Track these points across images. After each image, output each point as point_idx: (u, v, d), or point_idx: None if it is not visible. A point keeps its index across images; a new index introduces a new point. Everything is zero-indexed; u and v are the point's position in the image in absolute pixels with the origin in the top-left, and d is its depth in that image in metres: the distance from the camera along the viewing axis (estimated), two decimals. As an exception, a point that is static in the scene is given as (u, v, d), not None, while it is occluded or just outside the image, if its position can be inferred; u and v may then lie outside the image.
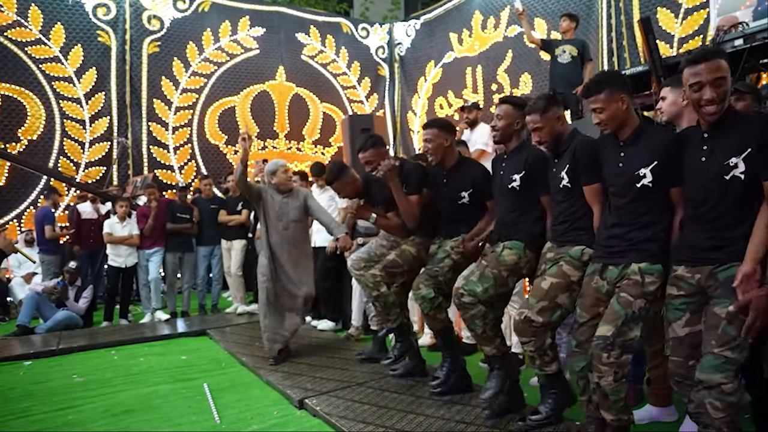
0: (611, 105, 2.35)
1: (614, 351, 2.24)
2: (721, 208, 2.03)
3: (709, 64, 2.02)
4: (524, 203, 2.98)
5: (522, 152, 3.00)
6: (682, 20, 6.80)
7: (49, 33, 8.51)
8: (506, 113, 2.97)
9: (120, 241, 6.47)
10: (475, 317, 2.91)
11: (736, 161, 1.97)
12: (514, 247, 2.92)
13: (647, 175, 2.26)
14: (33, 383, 4.21)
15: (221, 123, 10.00)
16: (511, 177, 2.98)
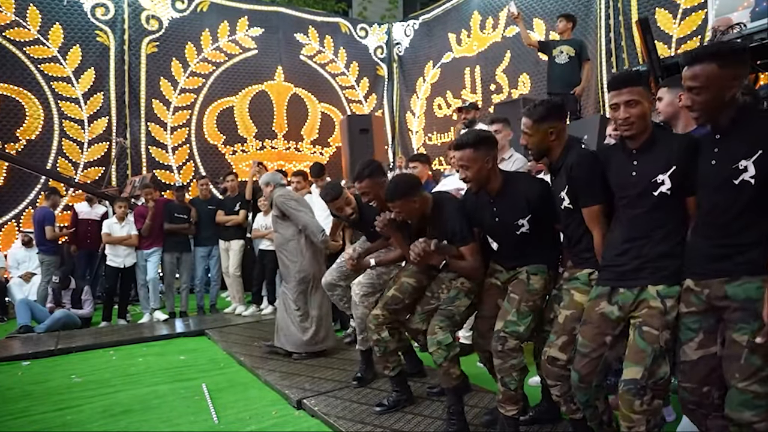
0: (643, 102, 2.08)
1: (647, 396, 1.96)
2: (730, 214, 1.87)
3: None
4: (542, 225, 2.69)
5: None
6: (680, 21, 6.81)
7: (48, 33, 8.51)
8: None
9: (118, 242, 6.47)
10: (515, 368, 2.58)
11: (746, 164, 1.81)
12: (538, 272, 2.66)
13: (665, 181, 2.03)
14: (31, 383, 4.21)
15: (220, 123, 10.00)
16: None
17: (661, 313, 2.01)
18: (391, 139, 11.59)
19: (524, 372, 2.62)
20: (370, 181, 3.27)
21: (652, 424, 1.97)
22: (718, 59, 1.82)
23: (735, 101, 1.86)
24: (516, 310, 2.61)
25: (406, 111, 11.54)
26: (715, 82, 1.82)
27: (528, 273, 2.68)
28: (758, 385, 1.74)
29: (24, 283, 7.16)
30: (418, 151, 10.94)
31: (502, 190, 2.69)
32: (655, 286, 2.05)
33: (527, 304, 2.61)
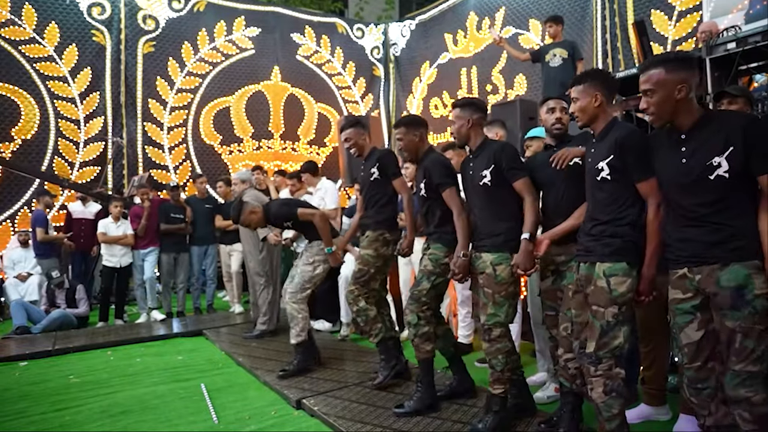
0: (584, 98, 2.39)
1: (602, 364, 2.26)
2: (711, 208, 2.02)
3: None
4: (497, 204, 2.88)
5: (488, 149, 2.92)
6: (675, 22, 6.85)
7: (44, 32, 8.47)
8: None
9: (114, 241, 6.46)
10: (501, 351, 2.82)
11: (719, 161, 1.97)
12: (502, 261, 2.81)
13: (605, 168, 2.31)
14: (29, 384, 4.21)
15: (216, 123, 9.97)
16: (479, 174, 2.87)
17: (604, 291, 2.25)
18: (388, 139, 11.59)
19: (510, 354, 2.84)
20: (354, 131, 3.66)
21: (609, 387, 2.25)
22: (665, 65, 2.05)
23: (689, 103, 2.05)
24: (492, 302, 2.82)
25: (402, 111, 11.55)
26: (663, 84, 2.04)
27: (492, 264, 2.82)
28: (752, 365, 1.91)
29: (20, 283, 7.13)
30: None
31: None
32: (602, 264, 2.28)
33: (500, 294, 2.81)
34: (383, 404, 3.33)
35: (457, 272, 2.98)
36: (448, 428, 2.94)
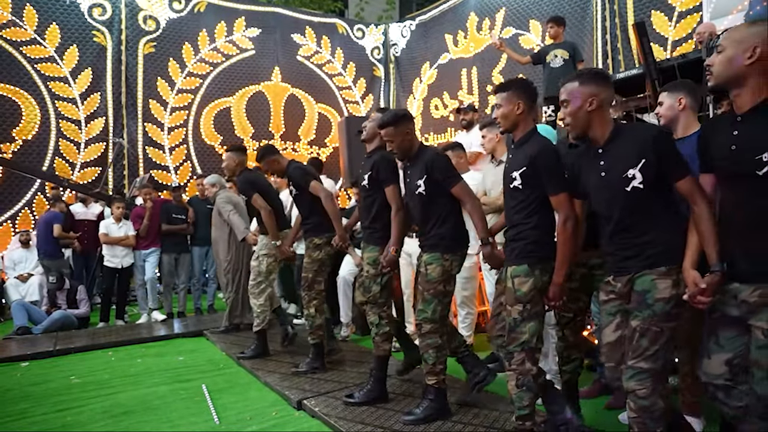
0: (507, 105, 2.54)
1: (514, 359, 2.47)
2: (629, 219, 2.13)
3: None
4: (434, 209, 3.04)
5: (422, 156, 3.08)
6: (675, 23, 6.86)
7: (45, 33, 8.49)
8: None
9: (116, 242, 6.47)
10: (431, 347, 3.04)
11: (633, 173, 2.06)
12: (432, 260, 3.01)
13: (517, 177, 2.46)
14: (31, 384, 4.21)
15: (217, 123, 10.00)
16: (416, 183, 3.04)
17: (511, 291, 2.47)
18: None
19: (440, 349, 3.06)
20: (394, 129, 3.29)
21: (520, 381, 2.45)
22: (579, 78, 2.21)
23: (602, 116, 2.18)
24: (422, 299, 3.04)
25: (402, 112, 11.55)
26: (575, 95, 2.19)
27: (425, 263, 3.03)
28: (644, 362, 2.04)
29: (20, 283, 7.14)
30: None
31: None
32: (510, 267, 2.51)
33: (429, 292, 3.01)
34: (383, 405, 3.34)
35: (384, 265, 3.27)
36: (449, 429, 2.95)
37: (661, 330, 2.03)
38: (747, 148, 1.82)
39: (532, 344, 2.45)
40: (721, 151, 1.93)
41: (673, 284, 2.03)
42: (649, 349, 2.03)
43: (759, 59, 1.80)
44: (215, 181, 5.95)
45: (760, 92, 1.83)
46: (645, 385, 2.03)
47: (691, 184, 2.02)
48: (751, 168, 1.80)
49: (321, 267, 4.10)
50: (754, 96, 1.84)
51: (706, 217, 1.98)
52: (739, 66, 1.84)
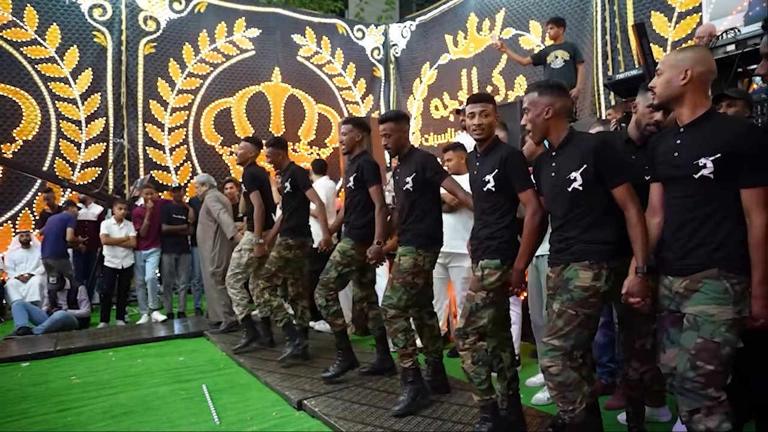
0: (492, 115, 2.80)
1: (469, 339, 2.69)
2: (566, 216, 2.38)
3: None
4: (417, 205, 3.32)
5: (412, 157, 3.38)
6: (675, 24, 6.87)
7: (45, 33, 8.49)
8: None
9: (117, 243, 6.49)
10: (398, 330, 3.28)
11: (575, 175, 2.30)
12: (406, 252, 3.29)
13: (491, 180, 2.70)
14: (31, 385, 4.23)
15: (217, 124, 9.99)
16: (405, 180, 3.32)
17: (478, 280, 2.70)
18: (388, 140, 11.61)
19: (407, 331, 3.30)
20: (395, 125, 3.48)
21: (476, 358, 2.69)
22: (538, 89, 2.44)
23: (558, 123, 2.40)
24: (390, 286, 3.30)
25: (402, 112, 11.56)
26: (534, 104, 2.42)
27: (400, 255, 3.32)
28: (557, 340, 2.26)
29: (21, 284, 7.15)
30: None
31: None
32: (482, 261, 2.73)
33: (398, 281, 3.27)
34: (384, 405, 3.35)
35: (370, 257, 3.56)
36: (449, 429, 2.96)
37: (576, 313, 2.25)
38: (687, 154, 2.04)
39: (488, 329, 2.72)
40: (666, 156, 2.14)
41: (594, 277, 2.26)
42: (562, 329, 2.26)
43: (691, 80, 2.04)
44: (205, 180, 6.12)
45: (697, 108, 2.06)
46: (556, 362, 2.25)
47: (623, 192, 2.24)
48: (689, 171, 2.02)
49: (286, 265, 4.43)
50: (692, 111, 2.07)
51: (634, 223, 2.20)
52: (676, 87, 2.07)
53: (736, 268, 1.95)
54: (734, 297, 1.94)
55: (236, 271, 5.05)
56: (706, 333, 1.93)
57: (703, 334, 1.93)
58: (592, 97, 7.58)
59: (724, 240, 1.97)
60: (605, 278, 2.26)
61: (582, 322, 2.26)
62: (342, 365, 3.87)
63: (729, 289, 1.94)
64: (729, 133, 1.96)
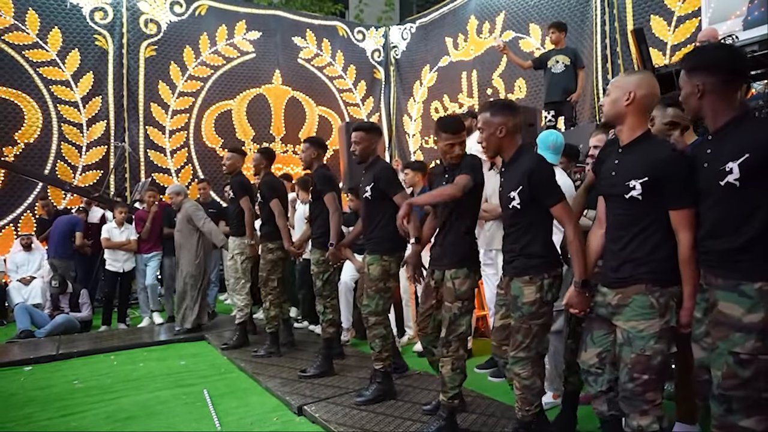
0: (491, 126, 2.69)
1: (451, 346, 2.91)
2: (511, 229, 2.62)
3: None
4: (375, 213, 3.57)
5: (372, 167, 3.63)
6: (674, 28, 6.89)
7: (47, 37, 8.52)
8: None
9: (118, 246, 6.52)
10: (377, 336, 3.56)
11: (513, 194, 2.51)
12: (373, 261, 3.55)
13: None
14: (34, 389, 4.26)
15: (218, 126, 10.04)
16: (365, 189, 3.57)
17: (450, 290, 2.90)
18: (388, 142, 11.66)
19: (385, 339, 3.56)
20: (365, 135, 3.70)
21: (455, 365, 2.92)
22: (491, 109, 2.61)
23: (510, 141, 2.59)
24: (366, 295, 3.57)
25: (403, 114, 11.61)
26: (488, 124, 2.60)
27: (368, 264, 3.57)
28: (521, 352, 2.53)
29: (23, 286, 7.18)
30: (414, 154, 11.01)
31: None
32: (449, 270, 2.92)
33: (371, 289, 3.54)
34: (384, 411, 3.38)
35: (330, 260, 4.03)
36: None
37: (530, 327, 2.51)
38: (621, 175, 2.17)
39: (466, 335, 2.96)
40: (605, 174, 2.27)
41: (537, 289, 2.48)
42: (523, 342, 2.53)
43: (633, 102, 2.15)
44: (180, 190, 6.19)
45: (635, 129, 2.18)
46: (525, 369, 2.53)
47: (559, 210, 2.44)
48: (621, 190, 2.14)
49: (273, 267, 4.86)
50: (631, 132, 2.18)
51: (570, 239, 2.39)
52: (620, 107, 2.17)
53: (660, 281, 2.08)
54: (660, 310, 2.07)
55: (238, 276, 5.29)
56: (638, 348, 2.08)
57: (635, 349, 2.08)
58: (591, 102, 7.61)
59: (649, 255, 2.10)
60: (547, 288, 2.49)
61: (537, 332, 2.52)
62: (321, 368, 4.17)
63: (654, 303, 2.07)
64: (654, 159, 2.08)
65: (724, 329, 1.89)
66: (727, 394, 1.87)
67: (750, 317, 1.83)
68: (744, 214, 1.87)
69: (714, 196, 1.95)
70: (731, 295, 1.88)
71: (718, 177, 1.90)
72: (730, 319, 1.87)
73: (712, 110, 1.97)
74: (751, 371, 1.83)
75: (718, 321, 1.92)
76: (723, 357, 1.88)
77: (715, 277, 1.96)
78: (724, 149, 1.91)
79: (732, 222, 1.90)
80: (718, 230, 1.95)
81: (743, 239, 1.87)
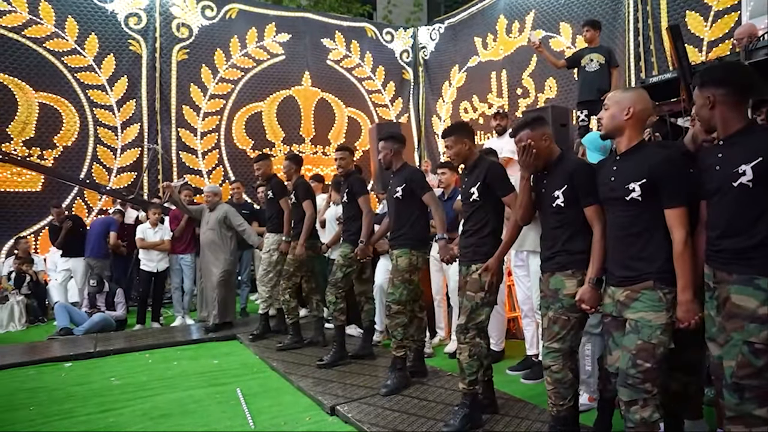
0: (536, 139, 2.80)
1: (469, 333, 3.08)
2: (556, 231, 2.71)
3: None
4: (405, 212, 3.86)
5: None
6: (711, 23, 6.71)
7: (84, 43, 8.76)
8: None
9: (152, 246, 6.65)
10: (399, 325, 3.84)
11: (558, 193, 2.64)
12: (402, 254, 3.83)
13: (474, 192, 3.17)
14: (74, 385, 4.37)
15: (248, 128, 10.17)
16: (395, 190, 3.87)
17: (474, 281, 3.10)
18: (417, 143, 11.63)
19: (406, 327, 3.88)
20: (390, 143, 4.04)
21: (472, 352, 3.08)
22: (530, 126, 2.72)
23: (551, 149, 2.73)
24: (391, 284, 3.86)
25: (431, 115, 11.58)
26: (533, 138, 2.69)
27: (396, 256, 3.86)
28: (556, 343, 2.60)
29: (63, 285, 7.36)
30: (443, 155, 10.95)
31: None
32: (474, 264, 3.15)
33: (398, 279, 3.82)
34: (416, 412, 3.37)
35: (359, 255, 4.32)
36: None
37: (568, 318, 2.58)
38: (620, 179, 2.33)
39: (485, 324, 3.12)
40: (604, 180, 2.43)
41: (578, 283, 2.56)
42: (559, 334, 2.59)
43: (632, 116, 2.34)
44: (217, 190, 6.46)
45: (633, 139, 2.37)
46: (557, 362, 2.59)
47: (591, 212, 2.53)
48: (621, 194, 2.30)
49: (300, 265, 5.21)
50: (629, 142, 2.37)
51: (596, 239, 2.50)
52: (620, 121, 2.36)
53: (667, 280, 2.22)
54: (667, 304, 2.21)
55: (267, 269, 5.65)
56: (645, 336, 2.20)
57: (642, 336, 2.21)
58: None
59: (654, 255, 2.25)
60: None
61: (575, 324, 2.60)
62: (335, 356, 4.49)
63: (662, 297, 2.22)
64: (652, 161, 2.25)
65: (739, 321, 2.00)
66: (741, 383, 1.98)
67: (764, 309, 1.95)
68: (757, 213, 2.00)
69: (728, 197, 2.06)
70: (746, 288, 1.99)
71: (732, 178, 2.03)
72: (744, 311, 1.99)
73: (722, 119, 2.11)
74: (765, 360, 1.95)
75: (733, 313, 2.03)
76: (737, 347, 2.00)
77: (729, 274, 2.06)
78: (736, 153, 2.05)
79: (746, 221, 2.02)
80: (733, 229, 2.06)
81: (758, 238, 1.99)
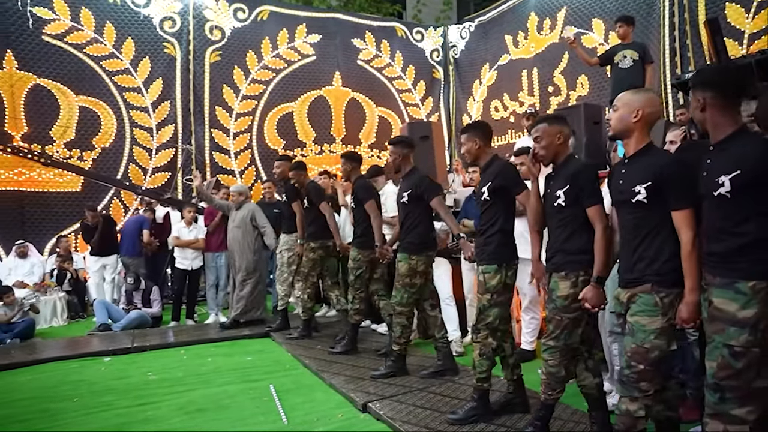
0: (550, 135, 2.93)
1: (480, 333, 3.20)
2: (559, 231, 2.82)
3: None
4: (408, 217, 4.01)
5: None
6: (754, 15, 6.47)
7: (121, 47, 8.98)
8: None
9: (186, 245, 6.78)
10: (400, 324, 4.10)
11: (560, 193, 2.74)
12: (402, 259, 4.01)
13: (485, 191, 3.25)
14: (113, 378, 4.51)
15: (280, 128, 10.28)
16: (402, 194, 4.01)
17: (482, 284, 3.21)
18: (448, 142, 11.58)
19: (406, 328, 4.11)
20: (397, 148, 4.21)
21: (482, 351, 3.21)
22: (547, 121, 2.89)
23: (564, 148, 2.85)
24: (394, 288, 4.09)
25: (462, 114, 11.51)
26: (547, 133, 2.84)
27: (397, 261, 4.05)
28: (552, 341, 2.76)
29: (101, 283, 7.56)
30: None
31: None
32: (481, 265, 3.24)
33: (399, 283, 4.02)
34: (447, 410, 3.36)
35: (379, 257, 4.52)
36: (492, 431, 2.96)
37: (561, 319, 2.72)
38: (628, 182, 2.37)
39: (495, 325, 3.18)
40: (615, 183, 2.48)
41: (571, 285, 2.68)
42: (553, 332, 2.75)
43: (641, 119, 2.37)
44: (243, 190, 6.53)
45: (640, 142, 2.40)
46: (553, 357, 2.76)
47: (593, 212, 2.66)
48: (628, 196, 2.35)
49: (314, 265, 5.44)
50: (637, 145, 2.41)
51: (597, 238, 2.63)
52: (628, 123, 2.40)
53: (665, 282, 2.26)
54: (663, 308, 2.25)
55: (282, 269, 5.92)
56: (638, 339, 2.27)
57: (635, 340, 2.28)
58: (659, 98, 7.29)
59: (655, 256, 2.29)
60: (582, 285, 2.65)
61: (567, 325, 2.72)
62: (347, 346, 4.85)
63: (658, 302, 2.26)
64: (657, 164, 2.29)
65: (720, 324, 2.04)
66: (721, 384, 2.02)
67: (744, 313, 1.99)
68: (738, 220, 2.03)
69: (712, 204, 2.11)
70: (727, 292, 2.03)
71: (713, 188, 2.07)
72: (725, 314, 2.03)
73: (712, 123, 2.13)
74: (743, 363, 1.98)
75: (714, 316, 2.07)
76: (718, 349, 2.04)
77: (714, 276, 2.11)
78: (720, 162, 2.08)
79: (729, 227, 2.06)
80: (718, 234, 2.10)
81: (740, 243, 2.02)
